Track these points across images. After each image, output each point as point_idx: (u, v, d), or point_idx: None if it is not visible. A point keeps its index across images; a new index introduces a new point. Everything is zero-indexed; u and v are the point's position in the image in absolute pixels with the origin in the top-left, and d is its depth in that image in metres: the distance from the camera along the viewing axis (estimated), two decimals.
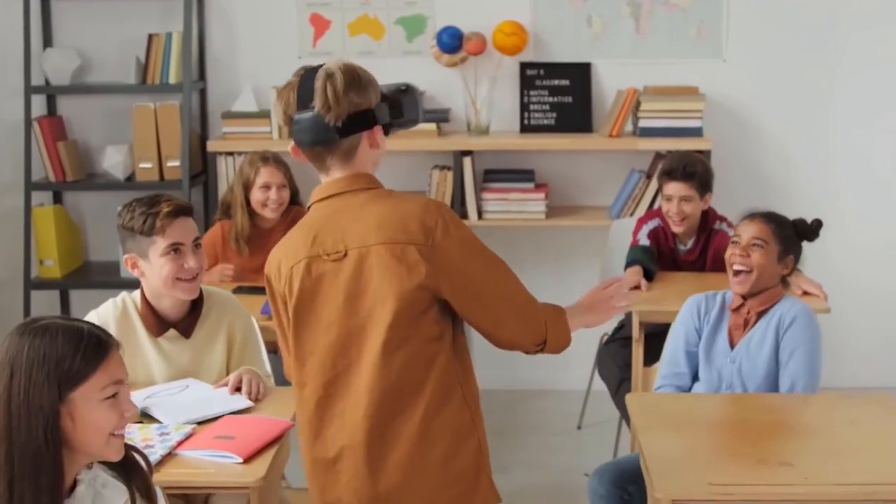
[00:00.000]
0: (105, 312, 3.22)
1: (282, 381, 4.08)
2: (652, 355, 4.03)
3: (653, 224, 4.64)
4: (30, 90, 5.41)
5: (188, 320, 3.24)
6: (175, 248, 3.14)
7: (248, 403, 3.01)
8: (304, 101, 2.53)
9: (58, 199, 5.72)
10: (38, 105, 5.61)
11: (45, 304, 5.56)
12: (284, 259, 2.56)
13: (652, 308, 4.24)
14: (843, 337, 5.44)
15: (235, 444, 2.76)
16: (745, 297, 3.51)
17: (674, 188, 4.52)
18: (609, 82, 5.49)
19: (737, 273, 3.50)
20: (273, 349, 4.07)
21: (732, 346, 3.50)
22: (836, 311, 4.29)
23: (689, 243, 4.63)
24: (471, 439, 2.57)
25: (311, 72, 2.55)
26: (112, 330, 3.09)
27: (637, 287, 4.35)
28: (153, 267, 3.15)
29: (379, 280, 2.47)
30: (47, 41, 5.58)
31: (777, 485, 2.68)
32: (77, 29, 5.59)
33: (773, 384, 3.45)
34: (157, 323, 3.23)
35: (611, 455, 4.73)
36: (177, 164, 5.39)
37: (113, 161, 5.46)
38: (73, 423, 2.13)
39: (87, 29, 5.58)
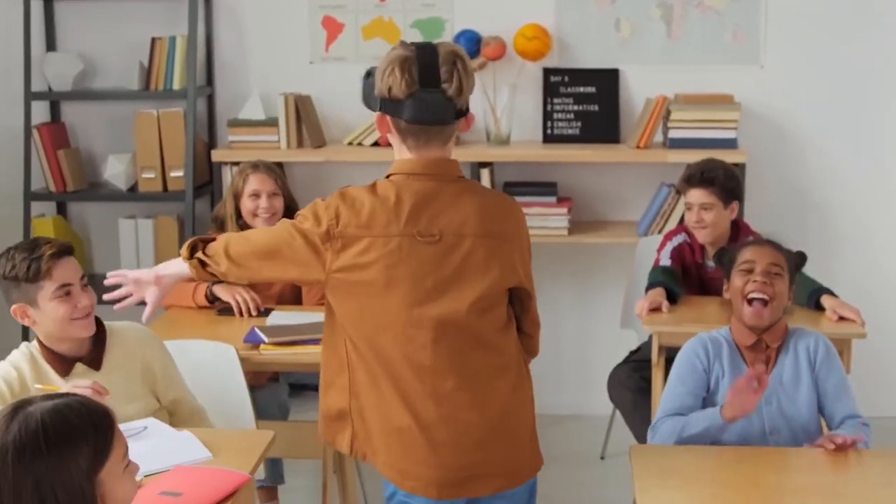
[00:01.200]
0: (15, 358, 3.08)
1: (266, 414, 3.88)
2: None
3: (679, 240, 4.37)
4: (30, 96, 5.20)
5: (93, 353, 3.10)
6: (65, 290, 3.01)
7: (208, 455, 2.73)
8: (429, 77, 2.57)
9: (62, 209, 5.51)
10: (42, 111, 5.41)
11: None
12: (367, 219, 2.60)
13: (673, 330, 3.95)
14: (879, 364, 5.15)
15: (187, 499, 2.48)
16: (757, 332, 3.20)
17: (693, 195, 4.28)
18: (638, 90, 5.19)
19: (752, 302, 3.19)
20: (255, 383, 3.84)
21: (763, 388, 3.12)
22: (875, 337, 4.06)
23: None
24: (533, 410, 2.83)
25: (426, 48, 2.60)
26: (26, 372, 3.03)
27: (658, 308, 4.07)
28: (44, 312, 3.01)
29: (472, 269, 2.61)
30: (50, 45, 5.38)
31: None
32: (80, 32, 5.38)
33: (816, 422, 3.18)
34: (62, 362, 3.07)
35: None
36: (181, 174, 5.15)
37: (115, 171, 5.24)
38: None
39: (90, 32, 5.38)
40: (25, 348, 3.10)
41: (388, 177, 2.66)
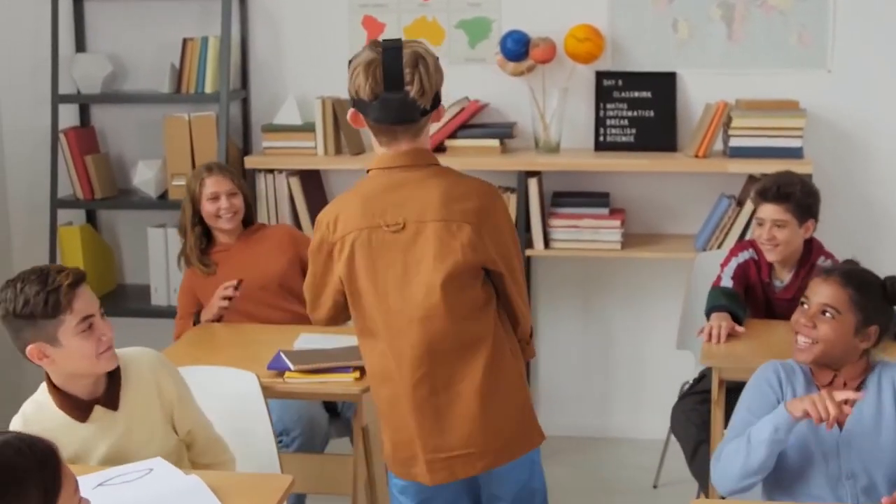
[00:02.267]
0: (25, 412, 2.84)
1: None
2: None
3: (744, 256, 4.08)
4: (57, 99, 5.03)
5: (110, 391, 2.83)
6: (88, 323, 2.73)
7: (215, 501, 2.47)
8: (392, 80, 2.73)
9: (90, 217, 5.30)
10: (70, 115, 5.23)
11: None
12: (343, 220, 2.80)
13: (734, 365, 3.63)
14: None
15: None
16: (832, 368, 2.93)
17: (766, 210, 3.97)
18: (696, 95, 4.92)
19: (797, 338, 2.95)
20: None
21: (840, 424, 2.86)
22: None
23: (787, 278, 4.03)
24: (524, 387, 2.94)
25: (392, 51, 2.75)
26: (37, 430, 2.70)
27: (733, 333, 3.78)
28: (67, 350, 2.72)
29: (435, 252, 2.74)
30: (79, 46, 5.19)
31: None
32: (110, 33, 5.20)
33: None
34: (79, 407, 2.79)
35: None
36: None
37: (144, 177, 5.04)
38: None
39: (120, 33, 5.19)
40: (30, 405, 2.86)
41: (367, 172, 2.87)
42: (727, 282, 4.03)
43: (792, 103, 4.76)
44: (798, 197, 3.95)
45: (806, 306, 2.96)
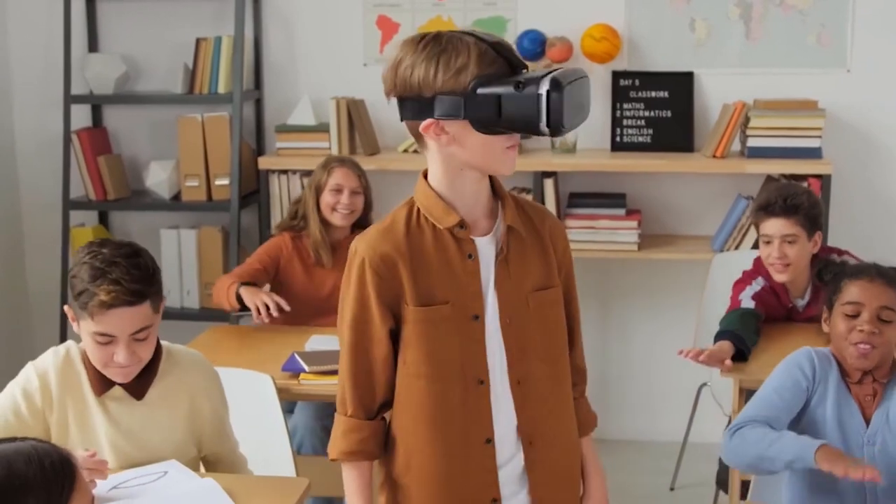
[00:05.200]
0: (44, 364, 2.67)
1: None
2: None
3: (757, 286, 3.82)
4: (69, 99, 4.99)
5: (139, 380, 2.67)
6: (106, 339, 2.57)
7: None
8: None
9: (103, 219, 5.27)
10: (82, 116, 5.20)
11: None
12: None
13: (752, 377, 3.47)
14: None
15: None
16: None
17: (774, 226, 3.74)
18: (714, 95, 4.88)
19: (858, 345, 2.80)
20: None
21: (867, 421, 2.80)
22: None
23: (807, 296, 3.84)
24: None
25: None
26: (53, 383, 2.63)
27: (715, 366, 3.56)
28: (84, 337, 2.61)
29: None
30: (92, 46, 5.16)
31: None
32: (123, 33, 5.17)
33: None
34: (100, 379, 2.66)
35: None
36: (226, 182, 4.89)
37: (157, 178, 5.00)
38: None
39: (133, 33, 5.16)
40: (64, 350, 2.69)
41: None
42: (748, 302, 3.77)
43: (811, 103, 4.71)
44: (806, 208, 3.74)
45: (858, 314, 2.83)
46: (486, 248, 2.24)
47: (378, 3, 5.00)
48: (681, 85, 4.86)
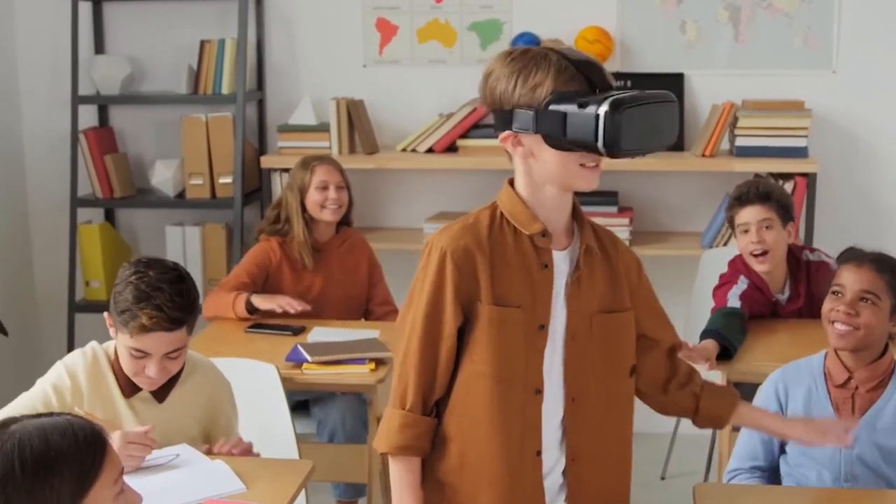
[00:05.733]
0: (73, 363, 2.81)
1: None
2: None
3: (742, 285, 3.93)
4: (77, 100, 5.11)
5: (164, 385, 2.84)
6: (140, 354, 2.73)
7: (241, 487, 2.56)
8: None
9: (110, 216, 5.40)
10: (89, 116, 5.32)
11: (90, 329, 5.20)
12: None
13: (740, 370, 3.58)
14: None
15: None
16: (850, 371, 2.93)
17: (749, 213, 3.88)
18: (703, 95, 5.01)
19: (835, 323, 2.91)
20: (295, 406, 3.70)
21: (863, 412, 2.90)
22: None
23: (787, 291, 3.97)
24: None
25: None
26: (83, 384, 2.77)
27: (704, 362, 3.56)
28: (119, 347, 2.77)
29: None
30: (98, 48, 5.28)
31: None
32: (129, 35, 5.29)
33: None
34: (129, 383, 2.82)
35: None
36: (229, 180, 5.03)
37: (162, 177, 5.13)
38: None
39: (138, 35, 5.28)
40: (91, 352, 2.83)
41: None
42: (735, 302, 3.86)
43: (797, 104, 4.83)
44: (778, 196, 3.90)
45: (841, 294, 2.93)
46: (561, 262, 2.27)
47: (377, 6, 5.12)
48: (671, 86, 4.96)
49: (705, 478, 4.43)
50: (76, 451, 1.84)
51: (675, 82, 4.98)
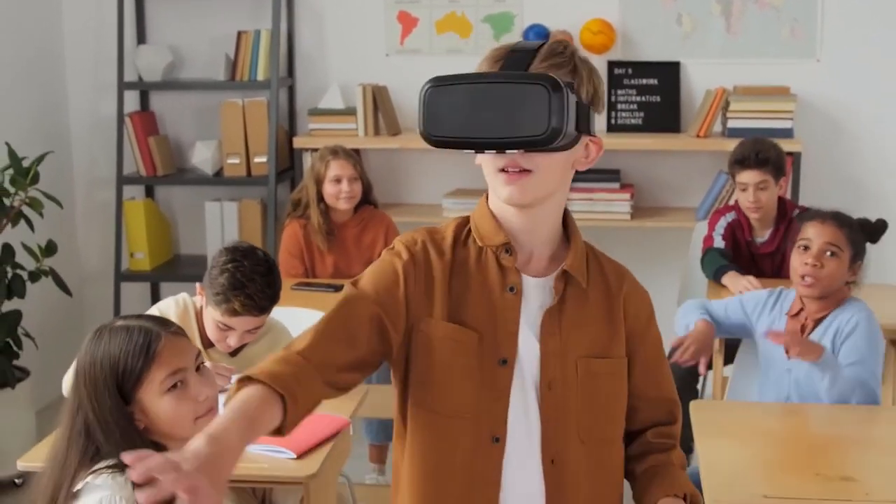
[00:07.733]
0: (167, 308, 3.21)
1: None
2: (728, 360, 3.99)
3: (730, 217, 4.56)
4: (122, 86, 5.50)
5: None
6: (226, 328, 3.12)
7: None
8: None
9: (150, 193, 5.81)
10: (132, 101, 5.71)
11: (136, 297, 5.65)
12: None
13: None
14: None
15: (289, 440, 2.73)
16: (803, 305, 3.39)
17: (748, 176, 4.42)
18: (698, 82, 5.40)
19: (804, 277, 3.32)
20: None
21: (788, 354, 3.30)
22: None
23: (766, 234, 4.55)
24: None
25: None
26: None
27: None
28: (206, 318, 3.17)
29: None
30: (141, 38, 5.68)
31: (835, 500, 2.59)
32: (170, 26, 5.68)
33: None
34: (208, 338, 3.22)
35: None
36: (264, 159, 5.44)
37: (202, 156, 5.53)
38: (148, 418, 2.20)
39: (178, 26, 5.67)
40: (183, 302, 3.20)
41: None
42: (718, 241, 4.50)
43: (784, 89, 5.23)
44: (774, 159, 4.41)
45: (808, 248, 3.32)
46: (535, 289, 1.92)
47: (399, 0, 5.55)
48: (669, 73, 5.38)
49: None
50: (133, 345, 2.20)
51: (672, 70, 5.37)
